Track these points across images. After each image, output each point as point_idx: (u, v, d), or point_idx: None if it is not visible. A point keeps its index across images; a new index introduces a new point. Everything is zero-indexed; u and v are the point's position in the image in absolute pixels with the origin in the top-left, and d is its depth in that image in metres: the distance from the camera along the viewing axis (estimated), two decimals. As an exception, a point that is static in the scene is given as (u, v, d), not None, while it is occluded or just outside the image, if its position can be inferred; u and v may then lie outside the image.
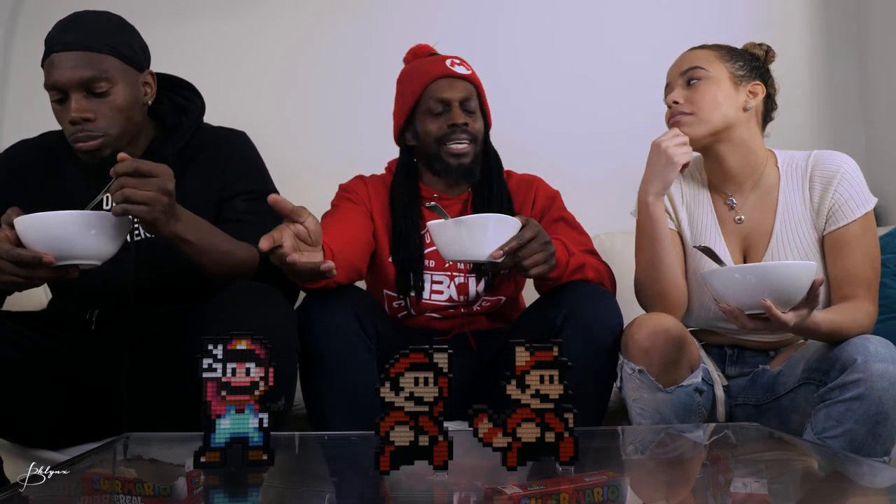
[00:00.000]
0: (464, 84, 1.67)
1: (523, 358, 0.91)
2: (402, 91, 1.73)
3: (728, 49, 1.55)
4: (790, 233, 1.50)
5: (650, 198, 1.49)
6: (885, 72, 2.34)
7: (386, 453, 0.88)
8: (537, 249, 1.35)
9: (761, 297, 1.22)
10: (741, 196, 1.56)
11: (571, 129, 2.38)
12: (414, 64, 1.73)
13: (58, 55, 1.37)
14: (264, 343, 0.95)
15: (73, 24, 1.41)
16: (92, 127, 1.38)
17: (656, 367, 1.38)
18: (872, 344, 1.27)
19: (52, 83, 1.37)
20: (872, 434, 1.25)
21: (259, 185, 1.55)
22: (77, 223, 1.18)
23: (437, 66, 1.68)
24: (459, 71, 1.68)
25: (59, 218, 1.17)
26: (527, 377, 0.90)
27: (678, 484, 1.02)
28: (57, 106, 1.40)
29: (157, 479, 1.01)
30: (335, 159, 2.34)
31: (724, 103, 1.50)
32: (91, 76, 1.36)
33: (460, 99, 1.65)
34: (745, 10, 2.43)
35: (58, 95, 1.38)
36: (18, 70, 2.34)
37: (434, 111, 1.65)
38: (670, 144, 1.47)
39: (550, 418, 0.90)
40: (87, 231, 1.18)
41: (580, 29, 2.44)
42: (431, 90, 1.66)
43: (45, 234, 1.18)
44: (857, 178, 1.48)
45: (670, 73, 1.58)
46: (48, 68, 1.38)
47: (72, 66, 1.35)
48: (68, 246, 1.18)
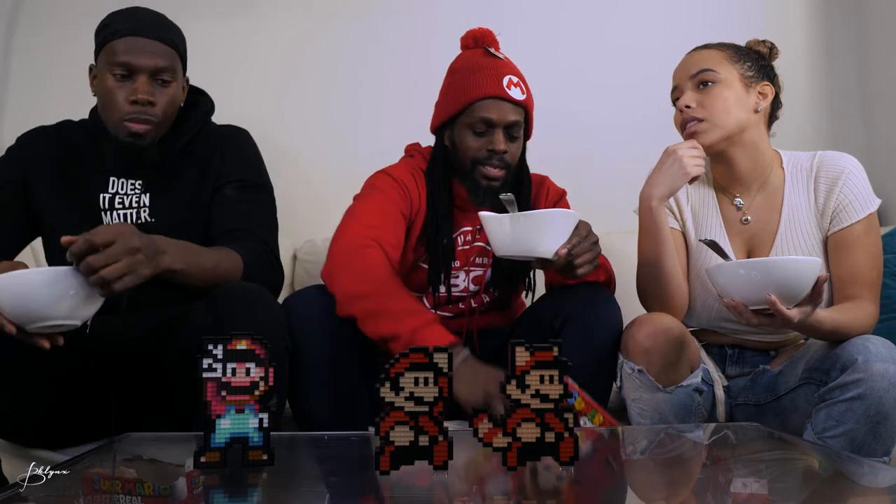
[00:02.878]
0: (515, 109, 1.58)
1: (523, 358, 0.90)
2: (452, 88, 1.63)
3: (735, 49, 1.53)
4: (795, 233, 1.50)
5: (654, 202, 1.47)
6: (885, 72, 2.34)
7: (386, 453, 0.88)
8: (587, 249, 1.35)
9: (766, 292, 1.21)
10: (748, 197, 1.55)
11: (571, 127, 2.38)
12: (470, 63, 1.62)
13: (137, 39, 1.46)
14: (264, 343, 0.95)
15: (145, 14, 1.51)
16: (151, 111, 1.47)
17: (656, 367, 1.37)
18: (873, 344, 1.27)
19: (126, 62, 1.45)
20: (873, 434, 1.26)
21: (251, 176, 1.58)
22: (51, 285, 1.13)
23: (493, 83, 1.57)
24: (514, 95, 1.57)
25: (31, 279, 1.13)
26: (527, 377, 0.90)
27: (678, 484, 1.02)
28: (115, 82, 1.46)
29: (157, 479, 1.01)
30: (335, 159, 2.34)
31: (736, 106, 1.48)
32: (164, 66, 1.48)
33: (506, 124, 1.57)
34: (745, 10, 2.43)
35: (122, 73, 1.46)
36: (18, 70, 2.34)
37: (477, 130, 1.57)
38: (686, 154, 1.44)
39: (550, 418, 0.90)
40: (64, 292, 1.14)
41: (583, 25, 2.44)
42: (479, 106, 1.56)
43: (16, 296, 1.13)
44: (862, 178, 1.48)
45: (677, 74, 1.55)
46: (120, 48, 1.46)
47: (150, 52, 1.46)
48: (43, 309, 1.14)
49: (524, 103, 1.60)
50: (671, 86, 1.57)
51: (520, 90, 1.59)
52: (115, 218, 1.51)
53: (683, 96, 1.51)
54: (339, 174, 1.79)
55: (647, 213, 1.49)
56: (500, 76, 1.58)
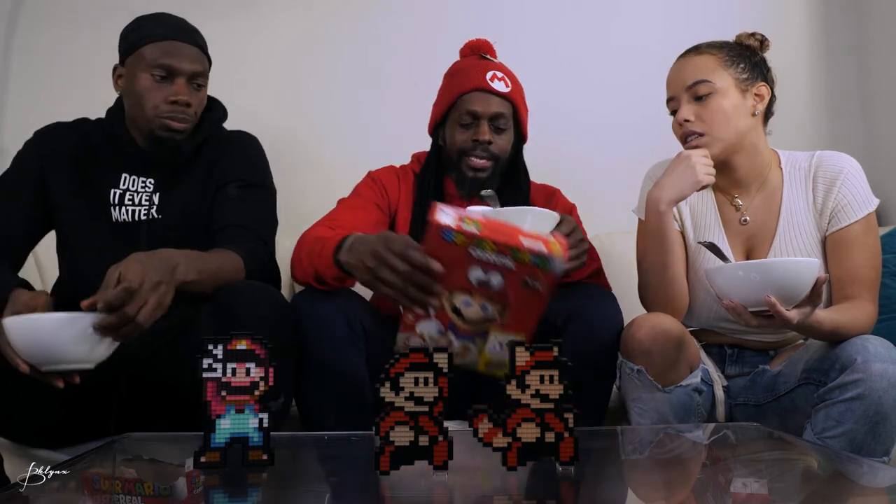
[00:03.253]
0: (499, 101, 1.64)
1: (523, 358, 0.91)
2: (443, 89, 1.72)
3: (727, 50, 1.51)
4: (793, 233, 1.50)
5: (662, 206, 1.46)
6: (885, 72, 2.34)
7: (386, 453, 0.88)
8: (572, 245, 1.36)
9: (765, 293, 1.22)
10: (747, 198, 1.55)
11: (571, 127, 2.38)
12: (460, 65, 1.71)
13: (178, 44, 1.53)
14: (264, 343, 0.95)
15: (180, 22, 1.58)
16: (188, 112, 1.54)
17: (655, 367, 1.37)
18: (872, 344, 1.27)
19: (168, 65, 1.51)
20: (872, 434, 1.26)
21: (254, 176, 1.62)
22: (67, 328, 1.13)
23: (477, 76, 1.65)
24: (497, 87, 1.64)
25: (46, 323, 1.14)
26: (527, 377, 0.90)
27: (678, 484, 1.02)
28: (154, 83, 1.51)
29: (157, 479, 1.01)
30: (335, 159, 2.34)
31: (735, 115, 1.47)
32: (201, 71, 1.56)
33: (491, 115, 1.63)
34: (745, 10, 2.42)
35: (162, 74, 1.51)
36: (18, 70, 2.34)
37: (463, 122, 1.64)
38: (699, 161, 1.44)
39: (550, 418, 0.90)
40: (80, 336, 1.14)
41: (583, 25, 2.44)
42: (465, 100, 1.64)
43: (31, 339, 1.14)
44: (860, 179, 1.48)
45: (672, 85, 1.54)
46: (164, 50, 1.52)
47: (191, 57, 1.54)
48: (57, 352, 1.14)
49: (509, 96, 1.66)
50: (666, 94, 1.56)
51: (504, 84, 1.65)
52: (122, 213, 1.54)
53: (681, 110, 1.50)
54: (340, 174, 1.79)
55: (655, 217, 1.48)
56: (485, 71, 1.66)
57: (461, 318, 1.20)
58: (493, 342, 1.21)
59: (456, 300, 1.19)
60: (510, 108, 1.66)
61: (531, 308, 1.18)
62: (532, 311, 1.19)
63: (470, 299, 1.18)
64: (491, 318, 1.19)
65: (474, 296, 1.17)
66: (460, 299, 1.18)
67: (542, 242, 1.12)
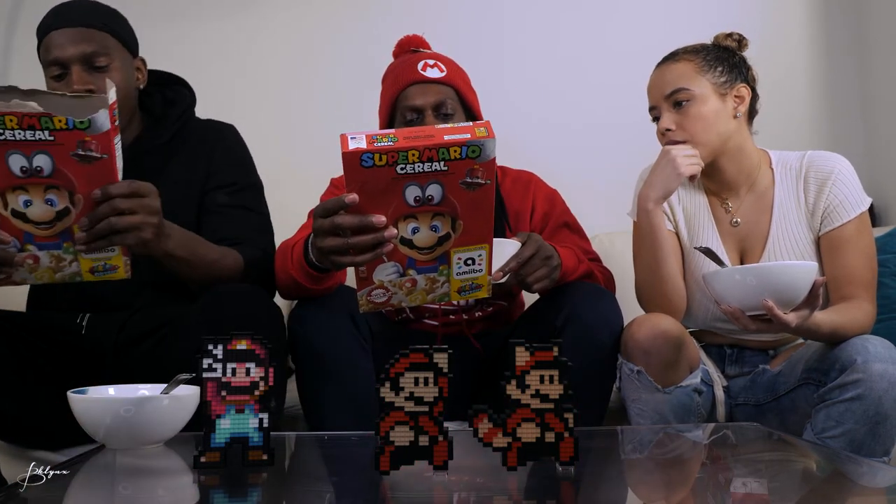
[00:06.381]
0: (437, 88, 1.58)
1: (523, 358, 0.91)
2: (382, 94, 1.66)
3: (703, 55, 1.50)
4: (786, 234, 1.50)
5: (650, 204, 1.47)
6: (885, 72, 2.34)
7: (386, 453, 0.88)
8: (539, 265, 1.36)
9: (762, 297, 1.22)
10: (737, 199, 1.55)
11: (570, 125, 2.37)
12: (393, 65, 1.66)
13: (59, 31, 1.39)
14: (264, 343, 0.95)
15: (69, 5, 1.44)
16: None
17: (655, 367, 1.37)
18: (872, 344, 1.27)
19: (54, 59, 1.38)
20: (872, 434, 1.26)
21: (242, 178, 1.56)
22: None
23: (408, 71, 1.59)
24: (430, 75, 1.58)
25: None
26: (527, 377, 0.90)
27: (678, 484, 1.02)
28: (55, 83, 1.40)
29: (73, 113, 0.86)
30: (335, 159, 2.34)
31: (715, 120, 1.47)
32: (93, 50, 1.39)
33: (433, 104, 1.57)
34: (745, 11, 2.42)
35: (57, 71, 1.40)
36: (18, 70, 2.34)
37: (408, 119, 1.58)
38: (679, 154, 1.45)
39: (550, 418, 0.90)
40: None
41: (583, 25, 2.44)
42: (403, 98, 1.58)
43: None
44: (852, 178, 1.48)
45: (652, 94, 1.54)
46: (47, 46, 1.40)
47: (74, 40, 1.38)
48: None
49: (445, 80, 1.59)
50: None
51: (438, 69, 1.59)
52: None
53: (662, 119, 1.50)
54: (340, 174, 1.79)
55: (644, 216, 1.49)
56: (415, 63, 1.59)
57: (414, 248, 1.13)
58: (458, 262, 1.15)
59: (403, 231, 1.11)
60: (451, 91, 1.59)
61: (483, 209, 1.11)
62: (485, 213, 1.11)
63: (416, 224, 1.11)
64: (444, 237, 1.12)
65: (419, 218, 1.10)
66: (407, 228, 1.11)
67: (465, 130, 1.04)
